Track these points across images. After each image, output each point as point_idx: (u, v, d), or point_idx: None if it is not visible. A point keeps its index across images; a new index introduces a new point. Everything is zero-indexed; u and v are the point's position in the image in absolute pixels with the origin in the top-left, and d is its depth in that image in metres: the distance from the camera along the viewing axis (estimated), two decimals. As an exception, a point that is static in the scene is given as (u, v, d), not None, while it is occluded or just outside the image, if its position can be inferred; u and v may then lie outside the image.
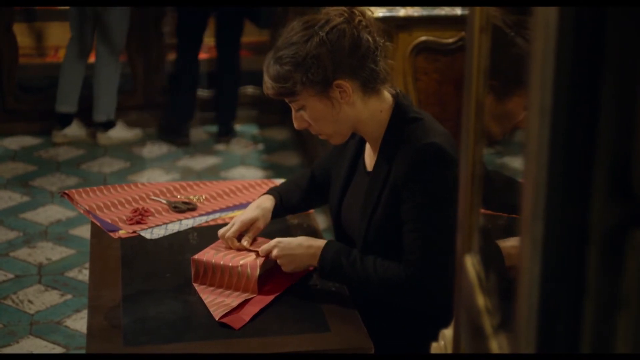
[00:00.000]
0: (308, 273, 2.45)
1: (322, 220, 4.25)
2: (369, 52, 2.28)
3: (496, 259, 1.89)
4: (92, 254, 2.61)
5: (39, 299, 3.95)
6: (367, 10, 2.38)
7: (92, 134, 5.56)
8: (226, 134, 5.60)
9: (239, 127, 5.76)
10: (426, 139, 2.25)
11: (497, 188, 2.35)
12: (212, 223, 2.67)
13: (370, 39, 2.28)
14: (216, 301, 2.32)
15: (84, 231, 4.41)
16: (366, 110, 2.32)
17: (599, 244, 0.92)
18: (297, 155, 5.43)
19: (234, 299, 2.33)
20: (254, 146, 5.58)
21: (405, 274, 2.25)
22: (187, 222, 2.61)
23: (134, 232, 2.51)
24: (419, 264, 2.24)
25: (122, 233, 2.52)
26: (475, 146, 1.39)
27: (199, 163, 5.35)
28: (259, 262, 2.37)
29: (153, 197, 2.74)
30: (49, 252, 4.33)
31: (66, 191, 2.70)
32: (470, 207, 1.42)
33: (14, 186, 5.02)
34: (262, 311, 2.30)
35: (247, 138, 5.69)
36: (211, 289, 2.39)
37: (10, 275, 4.13)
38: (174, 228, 2.57)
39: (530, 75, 0.96)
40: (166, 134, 5.60)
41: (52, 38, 6.21)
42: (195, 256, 2.42)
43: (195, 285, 2.41)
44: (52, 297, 3.96)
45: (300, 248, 2.35)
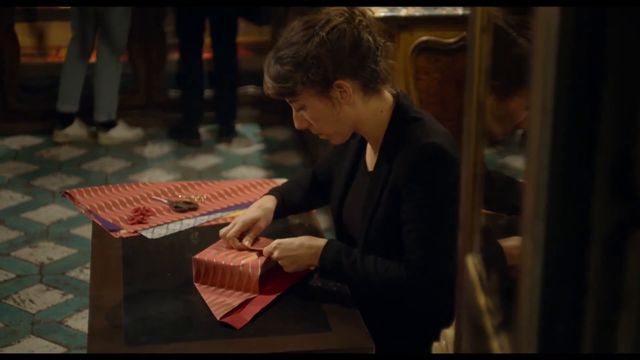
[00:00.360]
0: (309, 273, 2.45)
1: (324, 219, 4.25)
2: (369, 52, 2.28)
3: (497, 259, 1.89)
4: (94, 253, 2.61)
5: (40, 299, 3.95)
6: (368, 10, 2.38)
7: (94, 134, 5.56)
8: (227, 133, 5.60)
9: (240, 127, 5.76)
10: (426, 139, 2.25)
11: (498, 188, 2.35)
12: (214, 223, 2.67)
13: (370, 38, 2.28)
14: (217, 301, 2.33)
15: (85, 231, 4.42)
16: (367, 110, 2.32)
17: (600, 243, 0.92)
18: (298, 155, 5.43)
19: (235, 298, 2.33)
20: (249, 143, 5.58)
21: (406, 273, 2.25)
22: (189, 222, 2.61)
23: (135, 232, 2.51)
24: (420, 263, 2.24)
25: (124, 233, 2.52)
26: (477, 146, 1.39)
27: (200, 163, 5.35)
28: (260, 262, 2.37)
29: (154, 197, 2.74)
30: (50, 252, 4.33)
31: (67, 191, 2.70)
32: (471, 207, 1.42)
33: (16, 186, 5.02)
34: (263, 311, 2.30)
35: (249, 138, 5.69)
36: (212, 288, 2.39)
37: (12, 275, 4.13)
38: (175, 228, 2.57)
39: (532, 75, 0.96)
40: (178, 135, 5.60)
41: (54, 38, 6.22)
42: (197, 256, 2.42)
43: (196, 285, 2.41)
44: (54, 297, 3.96)
45: (301, 248, 2.36)
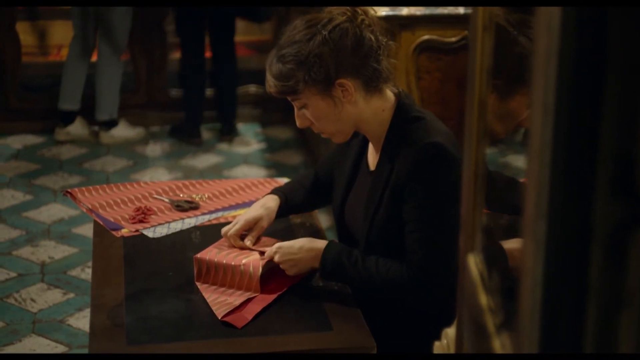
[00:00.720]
0: (310, 272, 2.45)
1: (325, 219, 4.25)
2: (371, 51, 2.27)
3: (499, 260, 1.89)
4: (95, 252, 2.61)
5: (42, 298, 3.95)
6: (370, 10, 2.38)
7: (95, 133, 5.56)
8: (228, 132, 5.60)
9: (241, 126, 5.76)
10: (428, 139, 2.25)
11: (499, 189, 2.35)
12: (215, 222, 2.67)
13: (372, 37, 2.28)
14: (219, 300, 2.32)
15: (87, 230, 4.42)
16: (368, 109, 2.32)
17: (601, 243, 0.92)
18: (300, 154, 5.43)
19: (237, 297, 2.33)
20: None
21: (407, 273, 2.25)
22: (190, 221, 2.61)
23: (137, 231, 2.51)
24: (421, 264, 2.24)
25: (125, 232, 2.52)
26: (478, 145, 1.39)
27: (202, 162, 5.35)
28: (262, 261, 2.37)
29: (156, 196, 2.74)
30: (52, 251, 4.33)
31: (69, 190, 2.70)
32: (473, 206, 1.42)
33: (17, 185, 5.02)
34: (265, 310, 2.30)
35: (250, 137, 5.69)
36: (214, 287, 2.39)
37: (13, 274, 4.13)
38: (176, 227, 2.57)
39: (533, 74, 0.96)
40: (179, 134, 5.60)
41: (55, 37, 6.22)
42: (198, 255, 2.42)
43: (197, 284, 2.41)
44: (55, 296, 3.97)
45: (301, 252, 2.35)
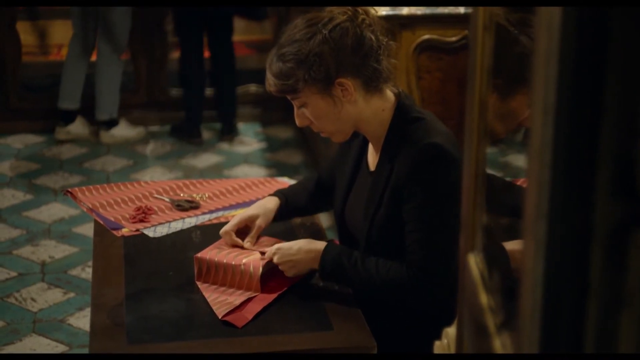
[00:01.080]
0: (311, 272, 2.45)
1: (326, 219, 4.25)
2: (371, 51, 2.27)
3: (501, 259, 1.88)
4: (95, 252, 2.61)
5: (42, 297, 3.95)
6: (371, 9, 2.37)
7: (95, 133, 5.56)
8: (228, 132, 5.60)
9: (241, 126, 5.76)
10: (428, 139, 2.25)
11: (496, 192, 2.34)
12: (215, 221, 2.67)
13: (373, 37, 2.28)
14: (219, 299, 2.32)
15: (87, 229, 4.42)
16: (368, 109, 2.32)
17: (602, 243, 0.92)
18: (301, 154, 5.43)
19: (237, 297, 2.33)
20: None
21: (407, 274, 2.25)
22: (190, 221, 2.61)
23: (137, 231, 2.51)
24: (421, 264, 2.24)
25: (125, 231, 2.52)
26: (479, 145, 1.39)
27: (202, 161, 5.35)
28: (262, 261, 2.37)
29: (156, 196, 2.74)
30: (52, 250, 4.33)
31: (69, 189, 2.70)
32: (473, 206, 1.42)
33: (17, 184, 5.02)
34: (265, 309, 2.30)
35: (250, 136, 5.69)
36: (214, 287, 2.39)
37: (14, 273, 4.13)
38: (177, 226, 2.58)
39: (534, 74, 0.96)
40: (179, 133, 5.60)
41: (55, 36, 6.22)
42: (198, 254, 2.42)
43: (198, 283, 2.41)
44: (55, 295, 3.97)
45: (300, 253, 2.35)
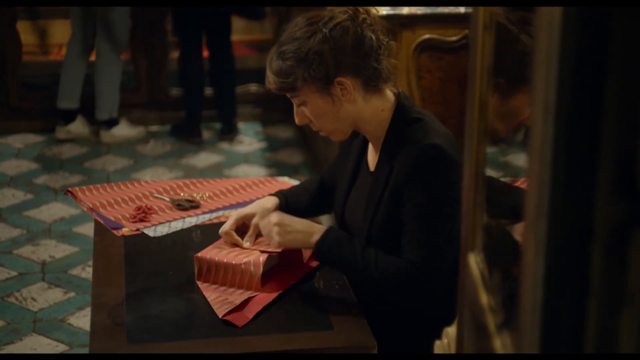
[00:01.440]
0: (311, 270, 2.45)
1: (326, 218, 4.25)
2: (371, 51, 2.27)
3: (502, 235, 1.83)
4: (96, 251, 2.61)
5: (43, 297, 3.95)
6: (372, 9, 2.37)
7: (96, 132, 5.56)
8: (229, 132, 5.60)
9: (242, 125, 5.76)
10: (427, 140, 2.25)
11: (496, 194, 2.34)
12: (216, 221, 2.67)
13: (373, 37, 2.27)
14: (219, 299, 2.32)
15: (88, 229, 4.42)
16: (367, 109, 2.32)
17: (602, 242, 0.92)
18: (300, 153, 5.43)
19: (237, 296, 2.33)
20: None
21: (405, 269, 2.25)
22: (191, 220, 2.61)
23: (138, 230, 2.51)
24: (419, 264, 2.24)
25: (126, 231, 2.52)
26: (479, 145, 1.39)
27: (203, 161, 5.35)
28: (262, 260, 2.37)
29: (156, 195, 2.74)
30: (53, 250, 4.33)
31: (70, 189, 2.70)
32: (473, 206, 1.42)
33: (18, 184, 5.02)
34: (265, 309, 2.30)
35: (250, 136, 5.69)
36: (214, 286, 2.39)
37: (14, 273, 4.13)
38: (177, 226, 2.57)
39: (534, 73, 0.96)
40: (179, 133, 5.60)
41: (56, 36, 6.22)
42: (199, 254, 2.42)
43: (198, 283, 2.41)
44: (56, 295, 3.97)
45: (301, 224, 2.34)
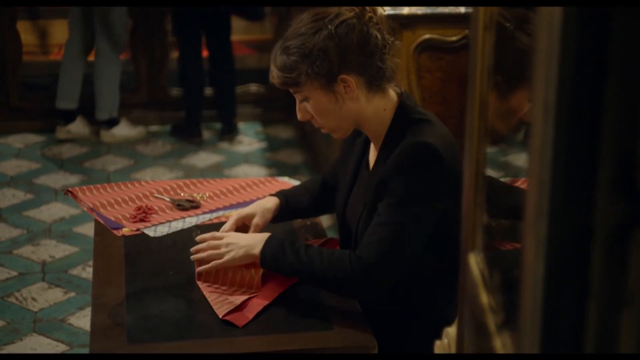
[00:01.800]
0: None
1: (326, 219, 4.25)
2: (376, 49, 2.27)
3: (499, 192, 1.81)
4: (96, 251, 2.61)
5: (43, 297, 3.95)
6: (379, 9, 2.37)
7: (96, 132, 5.56)
8: (229, 131, 5.60)
9: (242, 125, 5.76)
10: (419, 138, 2.24)
11: (495, 194, 2.34)
12: (216, 221, 2.67)
13: (379, 36, 2.27)
14: (220, 299, 2.33)
15: (88, 229, 4.42)
16: (370, 107, 2.31)
17: (602, 242, 0.92)
18: (301, 153, 5.43)
19: (238, 296, 2.33)
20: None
21: (350, 262, 2.23)
22: (191, 220, 2.61)
23: (138, 230, 2.51)
24: (369, 260, 2.22)
25: (126, 231, 2.52)
26: (479, 144, 1.39)
27: (203, 161, 5.36)
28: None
29: (157, 195, 2.74)
30: (53, 250, 4.33)
31: (70, 189, 2.69)
32: (473, 206, 1.42)
33: (18, 184, 5.02)
34: (266, 309, 2.30)
35: (251, 136, 5.69)
36: (214, 286, 2.39)
37: (14, 273, 4.13)
38: (177, 226, 2.57)
39: (534, 73, 0.96)
40: (180, 133, 5.60)
41: (56, 36, 6.21)
42: (199, 254, 2.42)
43: (198, 283, 2.41)
44: (56, 295, 3.97)
45: (245, 240, 2.36)
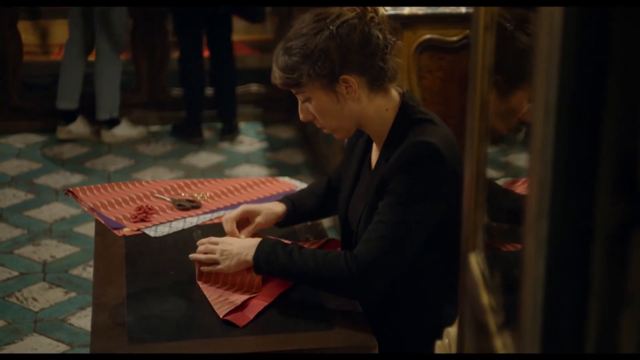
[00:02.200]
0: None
1: (327, 218, 4.24)
2: (378, 50, 2.27)
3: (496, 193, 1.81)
4: (97, 251, 2.62)
5: (44, 297, 3.95)
6: (381, 9, 2.36)
7: (96, 132, 5.56)
8: (229, 132, 5.60)
9: (243, 125, 5.76)
10: (421, 138, 2.24)
11: (493, 197, 2.33)
12: (217, 221, 2.67)
13: (380, 36, 2.27)
14: (220, 299, 2.33)
15: (89, 229, 4.42)
16: (371, 108, 2.31)
17: (603, 242, 0.92)
18: (302, 153, 5.43)
19: (238, 296, 2.33)
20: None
21: (345, 262, 2.23)
22: (192, 220, 2.61)
23: (138, 230, 2.51)
24: (365, 259, 2.22)
25: (127, 231, 2.52)
26: (480, 144, 1.39)
27: (203, 161, 5.36)
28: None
29: (157, 195, 2.74)
30: (54, 250, 4.33)
31: (70, 189, 2.69)
32: (474, 206, 1.42)
33: (19, 184, 5.02)
34: (266, 309, 2.30)
35: (252, 136, 5.69)
36: (215, 286, 2.39)
37: (15, 273, 4.13)
38: (178, 226, 2.57)
39: (535, 73, 0.96)
40: (180, 133, 5.60)
41: (57, 36, 6.21)
42: (200, 254, 2.42)
43: (199, 283, 2.41)
44: (57, 295, 3.97)
45: (238, 247, 2.36)
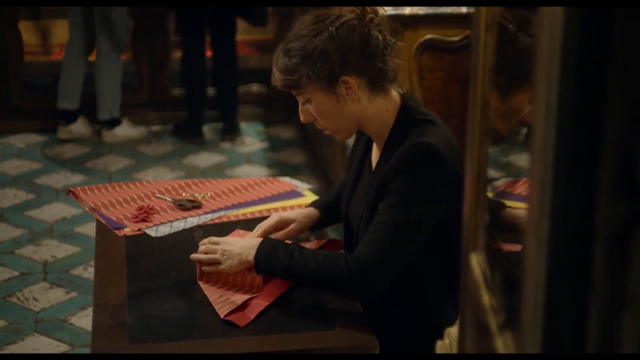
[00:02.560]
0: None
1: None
2: (377, 50, 2.27)
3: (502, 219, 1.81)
4: (97, 251, 2.62)
5: (44, 297, 3.95)
6: (380, 9, 2.36)
7: (97, 132, 5.56)
8: (230, 132, 5.60)
9: (244, 125, 5.76)
10: (421, 139, 2.24)
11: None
12: (218, 221, 2.67)
13: (380, 37, 2.27)
14: (221, 299, 2.33)
15: (89, 229, 4.42)
16: (372, 109, 2.31)
17: (604, 242, 0.92)
18: (302, 153, 5.43)
19: (239, 296, 2.33)
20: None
21: (346, 263, 2.23)
22: (193, 220, 2.61)
23: (139, 230, 2.51)
24: (365, 259, 2.22)
25: (128, 231, 2.52)
26: (481, 144, 1.39)
27: (204, 161, 5.36)
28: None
29: (158, 195, 2.74)
30: (54, 250, 4.34)
31: (71, 189, 2.69)
32: (475, 206, 1.42)
33: (19, 184, 5.03)
34: (267, 309, 2.30)
35: (252, 136, 5.69)
36: (216, 286, 2.39)
37: (16, 273, 4.13)
38: (179, 226, 2.57)
39: (536, 73, 0.96)
40: (181, 133, 5.60)
41: (57, 36, 6.21)
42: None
43: (200, 283, 2.41)
44: (57, 295, 3.97)
45: (240, 247, 2.36)
